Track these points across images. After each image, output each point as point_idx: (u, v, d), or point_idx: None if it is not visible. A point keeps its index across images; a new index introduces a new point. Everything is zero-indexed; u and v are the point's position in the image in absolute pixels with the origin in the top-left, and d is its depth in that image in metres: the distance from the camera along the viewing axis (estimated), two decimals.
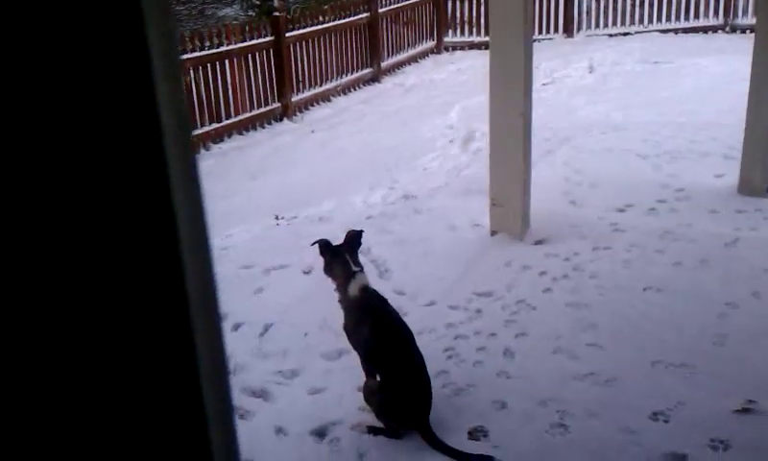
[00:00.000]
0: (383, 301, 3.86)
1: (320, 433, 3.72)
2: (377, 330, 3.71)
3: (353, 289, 3.79)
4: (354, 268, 3.85)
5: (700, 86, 10.56)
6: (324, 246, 3.99)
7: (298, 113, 10.86)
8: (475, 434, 3.64)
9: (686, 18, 14.71)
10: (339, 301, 3.87)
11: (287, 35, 10.63)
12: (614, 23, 15.03)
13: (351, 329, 3.81)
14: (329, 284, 3.92)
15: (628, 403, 3.78)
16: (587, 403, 3.79)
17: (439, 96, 11.62)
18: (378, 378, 3.71)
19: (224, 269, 5.65)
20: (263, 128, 10.27)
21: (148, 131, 0.57)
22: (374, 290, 3.90)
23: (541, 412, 3.76)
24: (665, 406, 3.72)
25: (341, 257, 3.88)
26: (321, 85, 11.58)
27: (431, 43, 15.12)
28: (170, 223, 0.59)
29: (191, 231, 0.62)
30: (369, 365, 3.78)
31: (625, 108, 9.85)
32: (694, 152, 7.69)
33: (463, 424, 3.70)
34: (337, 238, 4.06)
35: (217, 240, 6.26)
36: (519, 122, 5.54)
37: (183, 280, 0.61)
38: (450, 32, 15.45)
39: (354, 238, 3.99)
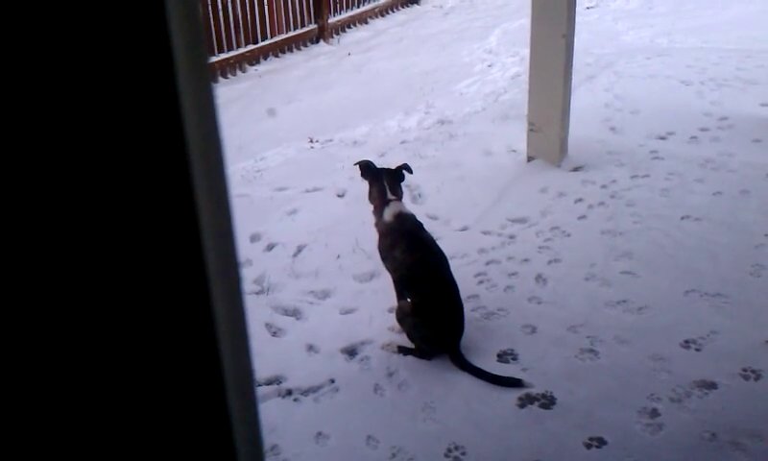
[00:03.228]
0: (418, 226, 3.86)
1: (350, 351, 3.77)
2: (410, 255, 3.71)
3: (387, 215, 3.82)
4: (390, 196, 3.85)
5: (749, 12, 10.16)
6: (365, 167, 3.99)
7: (334, 35, 10.70)
8: (504, 357, 3.66)
9: None
10: (375, 224, 3.89)
11: None
12: None
13: (384, 252, 3.84)
14: (362, 208, 3.92)
15: (659, 331, 3.76)
16: (617, 330, 3.78)
17: (479, 19, 11.36)
18: (410, 301, 3.74)
19: (258, 191, 5.68)
20: (299, 50, 10.15)
21: (160, 63, 0.57)
22: (411, 215, 3.90)
23: (571, 337, 3.76)
24: (698, 335, 3.70)
25: (379, 183, 3.90)
26: (358, 7, 11.37)
27: None
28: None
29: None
30: (401, 287, 3.80)
31: (670, 33, 9.55)
32: (740, 79, 7.45)
33: (492, 347, 3.72)
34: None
35: (251, 162, 6.28)
36: (561, 44, 5.39)
37: (203, 255, 0.62)
38: None
39: (400, 169, 3.99)
